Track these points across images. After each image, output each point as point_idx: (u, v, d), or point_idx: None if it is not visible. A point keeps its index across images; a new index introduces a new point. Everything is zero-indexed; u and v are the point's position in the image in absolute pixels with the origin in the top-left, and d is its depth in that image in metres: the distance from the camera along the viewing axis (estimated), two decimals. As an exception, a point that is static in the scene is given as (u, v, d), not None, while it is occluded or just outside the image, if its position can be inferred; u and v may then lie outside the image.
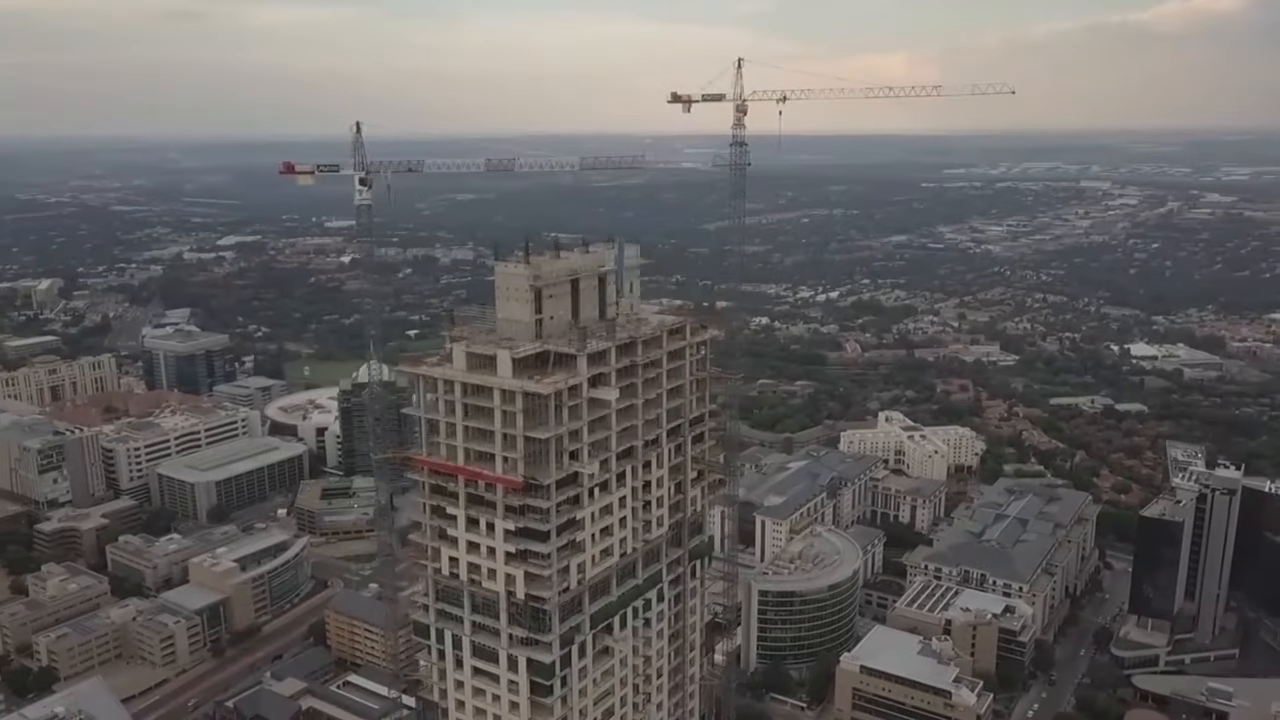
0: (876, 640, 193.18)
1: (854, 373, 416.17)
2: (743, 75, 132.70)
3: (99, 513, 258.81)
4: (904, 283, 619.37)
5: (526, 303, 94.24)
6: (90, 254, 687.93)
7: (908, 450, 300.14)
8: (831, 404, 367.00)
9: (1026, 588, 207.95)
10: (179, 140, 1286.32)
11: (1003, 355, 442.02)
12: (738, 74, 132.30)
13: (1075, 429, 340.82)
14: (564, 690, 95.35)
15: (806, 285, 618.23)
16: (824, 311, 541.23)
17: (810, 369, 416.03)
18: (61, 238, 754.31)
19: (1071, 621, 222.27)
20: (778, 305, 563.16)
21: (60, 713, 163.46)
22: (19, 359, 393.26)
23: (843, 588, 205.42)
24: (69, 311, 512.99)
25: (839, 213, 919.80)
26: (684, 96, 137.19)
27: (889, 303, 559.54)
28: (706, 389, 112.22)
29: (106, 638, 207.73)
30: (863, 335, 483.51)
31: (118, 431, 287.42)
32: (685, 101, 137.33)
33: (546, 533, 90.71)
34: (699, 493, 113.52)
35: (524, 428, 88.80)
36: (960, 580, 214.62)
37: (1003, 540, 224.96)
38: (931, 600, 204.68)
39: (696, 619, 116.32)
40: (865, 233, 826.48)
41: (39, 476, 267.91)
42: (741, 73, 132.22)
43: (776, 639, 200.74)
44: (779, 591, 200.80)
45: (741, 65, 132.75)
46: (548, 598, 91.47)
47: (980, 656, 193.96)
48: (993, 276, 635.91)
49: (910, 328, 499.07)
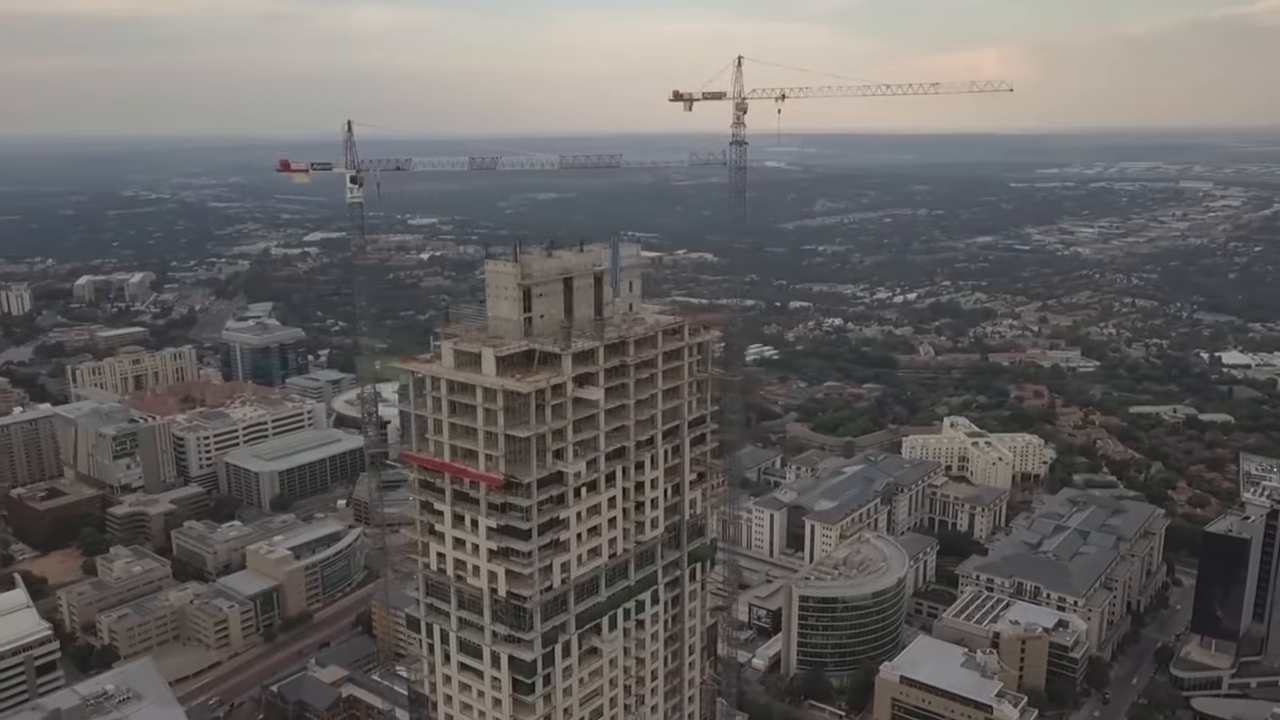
0: (919, 650, 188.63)
1: (925, 376, 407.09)
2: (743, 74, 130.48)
3: (168, 498, 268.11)
4: (985, 285, 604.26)
5: (515, 301, 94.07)
6: (184, 249, 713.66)
7: (971, 457, 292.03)
8: (898, 408, 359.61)
9: (1082, 602, 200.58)
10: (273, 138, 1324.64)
11: (1083, 361, 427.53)
12: (737, 72, 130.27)
13: (1154, 439, 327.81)
14: (546, 689, 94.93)
15: (884, 286, 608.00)
16: (900, 313, 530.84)
17: (880, 372, 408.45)
18: (159, 233, 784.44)
19: (1132, 639, 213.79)
20: (853, 306, 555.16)
21: (109, 690, 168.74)
22: (108, 349, 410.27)
23: (887, 595, 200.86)
24: (158, 304, 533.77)
25: (923, 213, 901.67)
26: (685, 95, 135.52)
27: (968, 305, 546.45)
28: (708, 390, 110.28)
29: (165, 619, 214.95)
30: (937, 338, 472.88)
31: (189, 421, 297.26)
32: (687, 100, 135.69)
33: (527, 531, 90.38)
34: (699, 495, 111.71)
35: (505, 426, 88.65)
36: (1013, 592, 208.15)
37: (1060, 552, 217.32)
38: (981, 611, 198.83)
39: (697, 622, 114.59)
40: (948, 233, 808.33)
41: (113, 462, 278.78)
42: (742, 71, 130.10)
43: (817, 645, 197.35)
44: (821, 597, 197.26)
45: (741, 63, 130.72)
46: (528, 596, 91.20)
47: (1030, 672, 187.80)
48: (1080, 280, 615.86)
49: (988, 331, 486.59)
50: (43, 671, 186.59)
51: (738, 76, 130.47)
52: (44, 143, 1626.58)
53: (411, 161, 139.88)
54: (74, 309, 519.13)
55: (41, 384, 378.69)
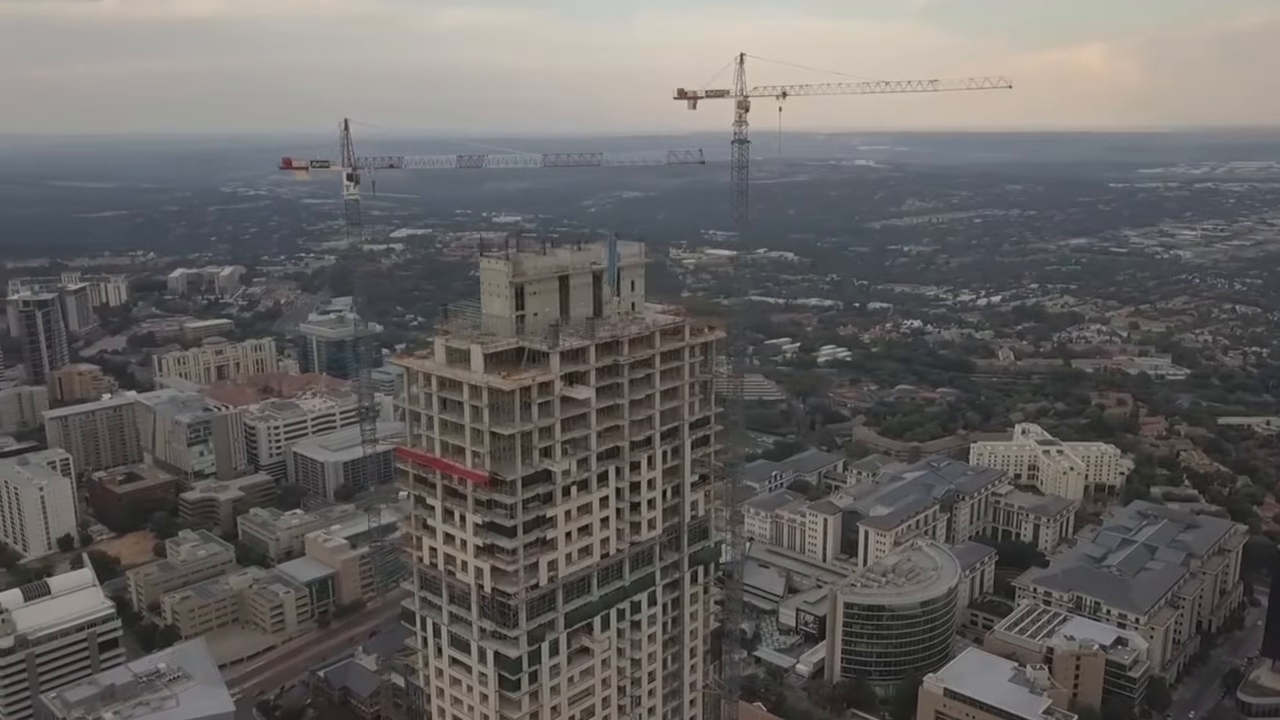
0: (966, 662, 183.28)
1: (1002, 381, 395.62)
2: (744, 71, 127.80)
3: (237, 485, 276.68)
4: (1075, 289, 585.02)
5: (507, 299, 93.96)
6: (276, 244, 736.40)
7: (1041, 465, 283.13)
8: (971, 413, 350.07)
9: (1144, 620, 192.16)
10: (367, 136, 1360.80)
11: (1173, 369, 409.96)
12: (739, 70, 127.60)
13: (1243, 452, 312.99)
14: (533, 686, 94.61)
15: (969, 288, 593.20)
16: (982, 316, 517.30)
17: (955, 376, 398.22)
18: (254, 228, 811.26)
19: (1200, 660, 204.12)
20: (934, 308, 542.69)
21: (161, 668, 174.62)
22: (195, 339, 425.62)
23: (937, 605, 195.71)
24: (246, 297, 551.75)
25: (1014, 213, 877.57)
26: (689, 93, 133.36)
27: (1054, 309, 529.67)
28: (711, 391, 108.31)
29: (224, 602, 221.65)
30: (1019, 342, 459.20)
31: (261, 411, 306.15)
32: (691, 98, 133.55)
33: (512, 528, 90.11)
34: (702, 497, 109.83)
35: (490, 423, 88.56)
36: (1071, 607, 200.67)
37: (1124, 567, 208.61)
38: (1036, 625, 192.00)
39: (699, 625, 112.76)
40: (1040, 235, 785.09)
41: (187, 449, 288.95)
42: (744, 69, 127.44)
43: (862, 653, 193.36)
44: (867, 605, 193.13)
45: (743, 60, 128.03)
46: (513, 593, 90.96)
47: (1084, 690, 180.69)
48: (1177, 284, 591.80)
49: (1073, 336, 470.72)
50: (105, 648, 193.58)
51: (740, 74, 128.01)
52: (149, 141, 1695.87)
53: (403, 159, 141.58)
54: (167, 300, 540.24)
55: (131, 372, 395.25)
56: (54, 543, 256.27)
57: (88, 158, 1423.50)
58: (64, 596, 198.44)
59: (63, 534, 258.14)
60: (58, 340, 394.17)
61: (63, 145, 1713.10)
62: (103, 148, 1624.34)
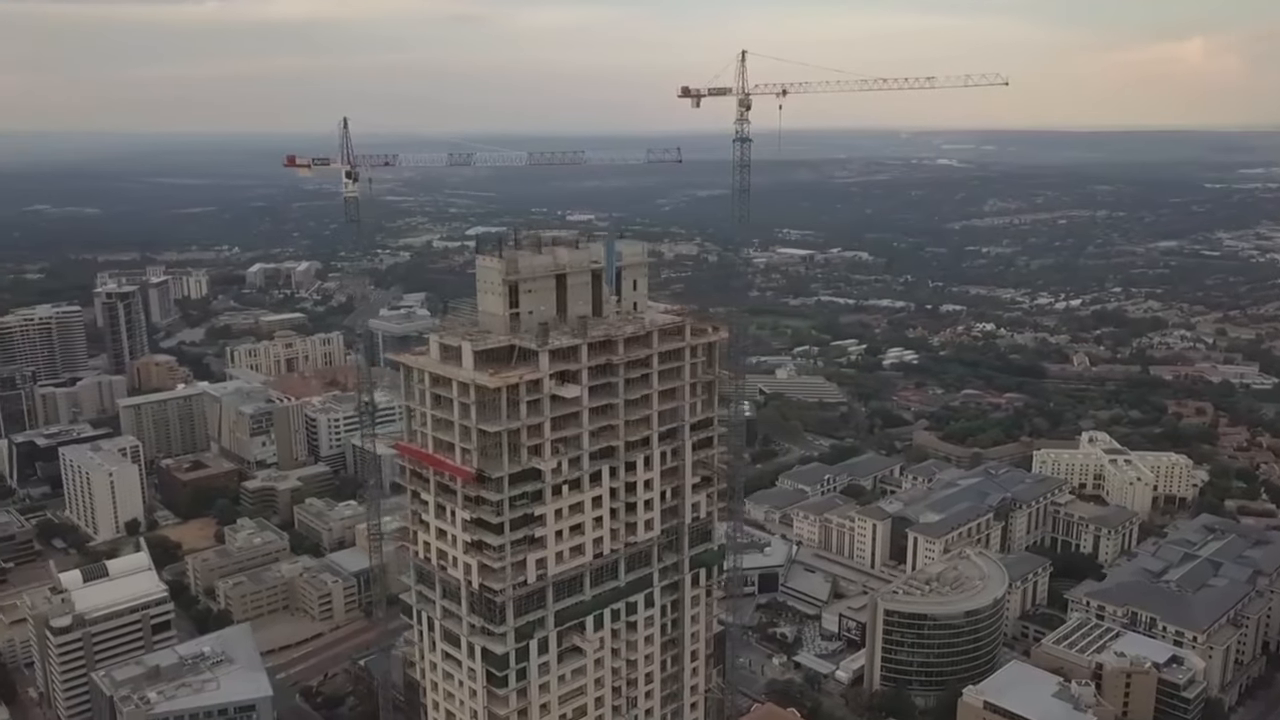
0: (1010, 675, 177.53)
1: (1074, 388, 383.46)
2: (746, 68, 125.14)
3: (296, 475, 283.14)
4: (1160, 293, 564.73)
5: (500, 296, 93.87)
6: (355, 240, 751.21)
7: (1107, 475, 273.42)
8: (1038, 420, 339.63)
9: (1202, 638, 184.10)
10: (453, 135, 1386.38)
11: (1260, 378, 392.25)
12: (741, 67, 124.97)
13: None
14: (521, 683, 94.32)
15: (1047, 291, 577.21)
16: (1059, 320, 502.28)
17: (1025, 381, 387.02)
18: (335, 224, 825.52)
19: (1264, 684, 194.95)
20: (1009, 311, 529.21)
21: (205, 652, 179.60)
22: (268, 333, 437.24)
23: (982, 615, 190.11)
24: (320, 291, 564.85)
25: (1101, 214, 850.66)
26: (693, 91, 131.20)
27: (1136, 314, 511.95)
28: (714, 392, 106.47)
29: (276, 589, 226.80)
30: (1095, 348, 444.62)
31: (323, 403, 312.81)
32: (694, 96, 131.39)
33: (499, 525, 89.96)
34: (704, 499, 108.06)
35: (477, 420, 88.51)
36: (1126, 622, 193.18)
37: (1184, 583, 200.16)
38: (1086, 640, 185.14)
39: (700, 629, 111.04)
40: (1128, 237, 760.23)
41: (250, 439, 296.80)
42: (745, 66, 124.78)
43: (902, 662, 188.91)
44: (908, 613, 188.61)
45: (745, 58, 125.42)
46: (500, 590, 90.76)
47: (1134, 710, 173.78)
48: (1272, 289, 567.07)
49: (1154, 342, 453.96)
50: (158, 630, 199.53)
51: (741, 72, 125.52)
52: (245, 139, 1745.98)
53: (398, 157, 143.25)
54: (245, 294, 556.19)
55: (206, 363, 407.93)
56: (122, 526, 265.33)
57: (187, 155, 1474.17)
58: (121, 579, 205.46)
59: (130, 518, 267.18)
60: (138, 331, 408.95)
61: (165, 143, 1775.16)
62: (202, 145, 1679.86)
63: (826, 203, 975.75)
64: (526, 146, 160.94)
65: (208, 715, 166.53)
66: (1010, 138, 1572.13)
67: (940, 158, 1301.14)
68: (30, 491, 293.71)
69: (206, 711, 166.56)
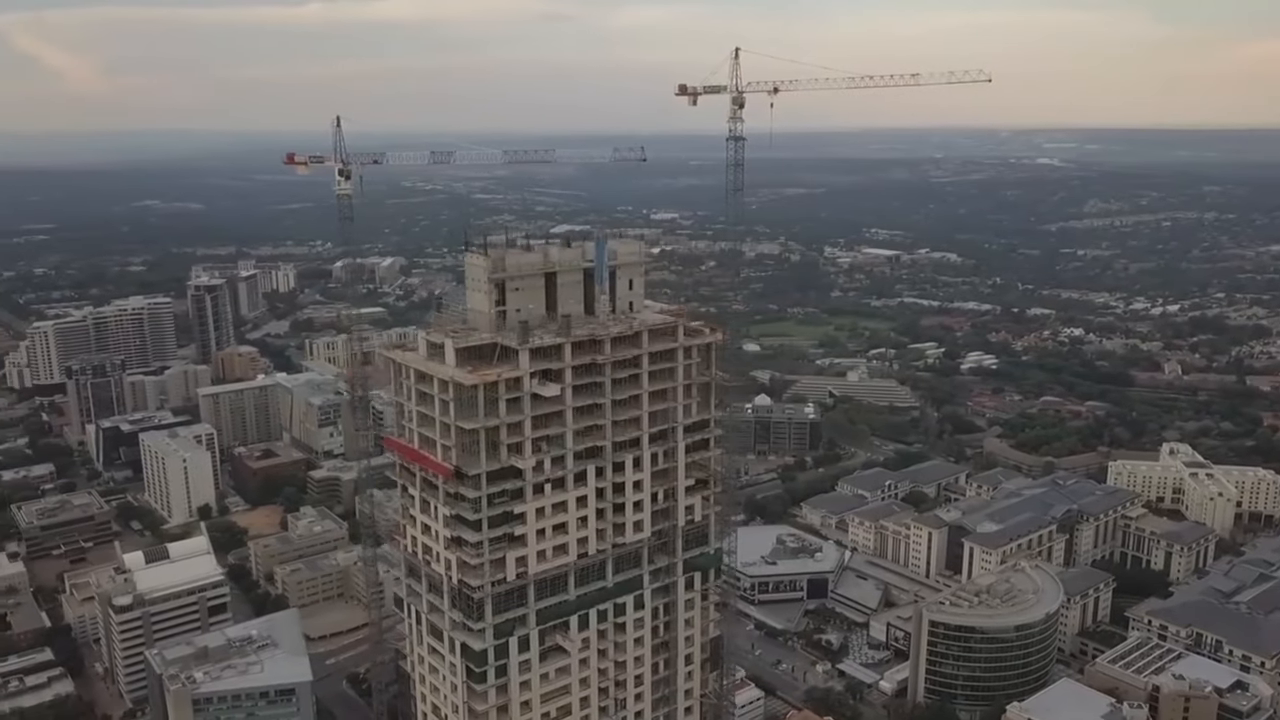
0: (1058, 694, 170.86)
1: (1162, 397, 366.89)
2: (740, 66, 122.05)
3: (360, 466, 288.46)
4: (1267, 299, 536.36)
5: (486, 294, 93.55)
6: (442, 237, 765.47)
7: (1187, 489, 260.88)
8: (1119, 430, 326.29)
9: (1270, 664, 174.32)
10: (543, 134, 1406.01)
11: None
12: (734, 64, 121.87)
13: None
14: (500, 680, 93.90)
15: (1144, 296, 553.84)
16: (1154, 326, 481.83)
17: (1109, 389, 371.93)
18: (425, 220, 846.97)
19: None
20: (1101, 316, 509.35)
21: (253, 635, 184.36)
22: (348, 326, 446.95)
23: (1033, 630, 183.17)
24: (404, 287, 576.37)
25: (1210, 216, 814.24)
26: (690, 88, 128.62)
27: (1238, 321, 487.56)
28: (710, 394, 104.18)
29: (330, 577, 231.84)
30: (1190, 356, 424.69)
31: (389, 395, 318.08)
32: (691, 94, 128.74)
33: (476, 522, 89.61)
34: (699, 502, 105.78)
35: (455, 417, 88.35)
36: (1189, 643, 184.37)
37: (1255, 605, 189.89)
38: (1145, 660, 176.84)
39: (695, 632, 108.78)
40: (1237, 240, 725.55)
41: (318, 429, 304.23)
42: (739, 63, 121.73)
43: (948, 675, 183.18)
44: (954, 625, 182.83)
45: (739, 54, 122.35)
46: (478, 586, 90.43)
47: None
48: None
49: (1254, 351, 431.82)
50: (214, 612, 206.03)
51: (735, 70, 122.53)
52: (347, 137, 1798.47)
53: (386, 156, 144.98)
54: (331, 288, 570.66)
55: (288, 355, 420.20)
56: (194, 511, 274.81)
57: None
58: (181, 562, 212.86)
59: (202, 503, 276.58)
60: (224, 323, 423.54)
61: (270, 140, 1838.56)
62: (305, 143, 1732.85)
63: (918, 202, 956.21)
64: (609, 145, 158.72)
65: (249, 697, 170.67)
66: (1116, 136, 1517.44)
67: (1040, 157, 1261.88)
68: (114, 475, 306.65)
69: (248, 693, 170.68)
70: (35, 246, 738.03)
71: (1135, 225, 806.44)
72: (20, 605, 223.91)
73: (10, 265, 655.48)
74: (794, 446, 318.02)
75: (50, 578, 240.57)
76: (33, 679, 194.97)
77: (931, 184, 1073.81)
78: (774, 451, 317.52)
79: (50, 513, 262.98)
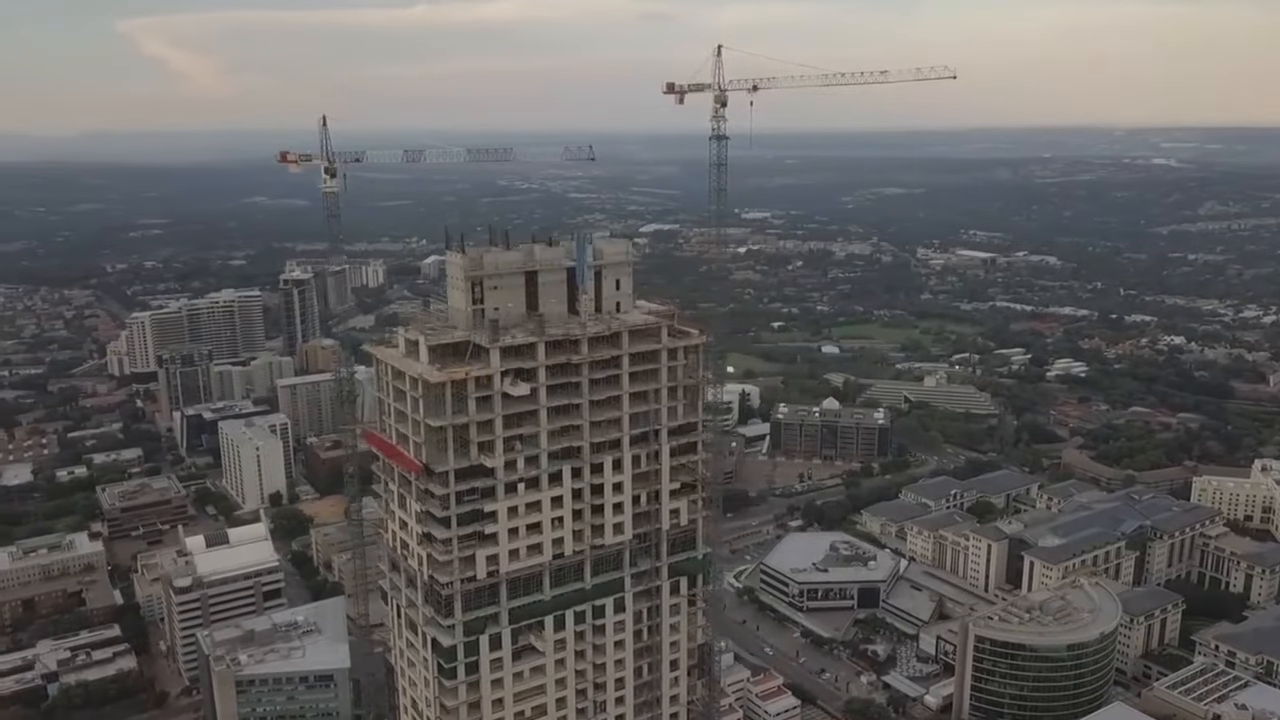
0: (1109, 718, 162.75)
1: (1263, 410, 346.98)
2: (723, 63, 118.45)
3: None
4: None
5: (463, 292, 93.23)
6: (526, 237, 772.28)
7: (1278, 508, 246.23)
8: (1211, 443, 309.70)
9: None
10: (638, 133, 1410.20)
11: None
12: (717, 62, 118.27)
13: None
14: (471, 677, 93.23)
15: (1257, 303, 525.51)
16: (1263, 335, 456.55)
17: (1205, 401, 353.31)
18: (518, 219, 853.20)
19: None
20: (1205, 324, 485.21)
21: (299, 621, 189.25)
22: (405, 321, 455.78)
23: (1088, 649, 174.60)
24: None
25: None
26: (678, 86, 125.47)
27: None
28: (697, 396, 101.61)
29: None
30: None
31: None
32: (678, 92, 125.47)
33: (444, 519, 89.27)
34: (685, 506, 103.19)
35: (424, 414, 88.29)
36: (1260, 671, 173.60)
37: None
38: (1207, 687, 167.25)
39: (681, 637, 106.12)
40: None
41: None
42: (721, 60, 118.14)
43: (995, 693, 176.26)
44: (1002, 641, 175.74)
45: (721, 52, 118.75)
46: (446, 583, 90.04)
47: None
48: None
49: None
50: (269, 596, 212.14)
51: (718, 68, 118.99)
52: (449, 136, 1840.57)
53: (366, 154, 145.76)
54: (419, 284, 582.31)
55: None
56: (266, 498, 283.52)
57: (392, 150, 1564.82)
58: (240, 547, 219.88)
59: (274, 490, 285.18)
60: (311, 316, 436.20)
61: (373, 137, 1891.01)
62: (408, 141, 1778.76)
63: (1020, 204, 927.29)
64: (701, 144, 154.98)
65: (289, 681, 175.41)
66: (1240, 135, 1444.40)
67: (1156, 157, 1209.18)
68: (195, 461, 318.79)
69: (288, 677, 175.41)
70: (148, 241, 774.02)
71: (1254, 229, 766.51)
72: (96, 583, 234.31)
73: (124, 258, 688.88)
74: (862, 452, 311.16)
75: (126, 558, 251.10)
76: (99, 654, 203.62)
77: (1035, 185, 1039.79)
78: (841, 456, 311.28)
79: (131, 495, 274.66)
